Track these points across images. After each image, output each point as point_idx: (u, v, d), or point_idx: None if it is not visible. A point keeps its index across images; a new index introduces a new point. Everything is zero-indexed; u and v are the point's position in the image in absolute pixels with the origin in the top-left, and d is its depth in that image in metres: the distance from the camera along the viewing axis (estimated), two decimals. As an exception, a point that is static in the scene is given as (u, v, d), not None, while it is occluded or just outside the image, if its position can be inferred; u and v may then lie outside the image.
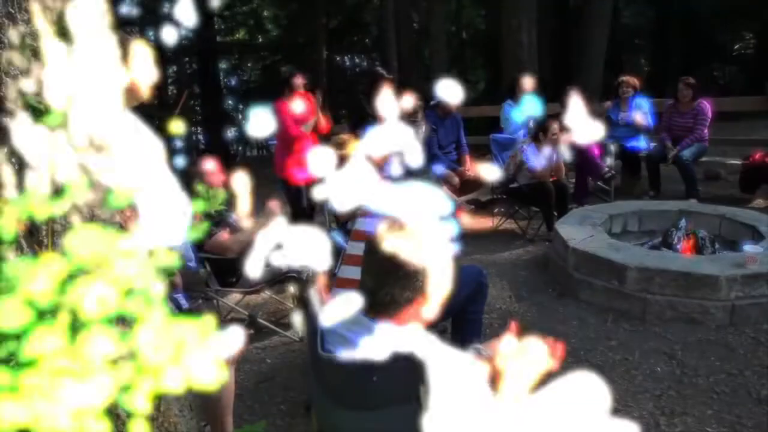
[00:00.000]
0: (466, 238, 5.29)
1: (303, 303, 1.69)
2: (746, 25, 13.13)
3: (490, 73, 14.66)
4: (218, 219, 3.34)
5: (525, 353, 1.51)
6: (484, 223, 5.74)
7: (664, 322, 3.36)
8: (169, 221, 0.53)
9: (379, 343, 1.35)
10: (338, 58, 21.53)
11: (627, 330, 3.35)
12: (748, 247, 3.42)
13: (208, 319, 0.44)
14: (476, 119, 10.93)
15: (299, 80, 4.65)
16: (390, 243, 1.38)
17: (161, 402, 1.52)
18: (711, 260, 3.58)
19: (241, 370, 3.25)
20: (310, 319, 1.52)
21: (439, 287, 1.46)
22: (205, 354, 0.48)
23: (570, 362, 3.05)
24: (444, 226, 2.50)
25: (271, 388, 3.07)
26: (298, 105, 4.72)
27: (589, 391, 1.68)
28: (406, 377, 1.24)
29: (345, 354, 1.38)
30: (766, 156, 5.61)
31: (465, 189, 5.78)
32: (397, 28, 12.12)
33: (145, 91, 2.06)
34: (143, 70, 0.51)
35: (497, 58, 10.08)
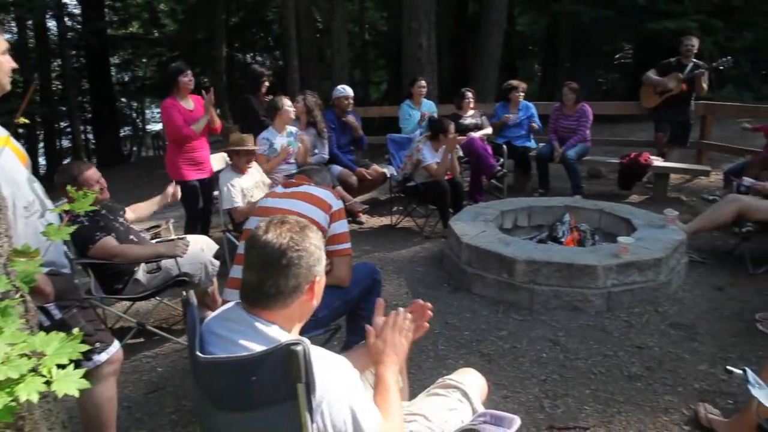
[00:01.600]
0: (365, 236, 5.36)
1: (183, 305, 1.63)
2: (625, 36, 14.16)
3: (392, 74, 14.87)
4: (103, 223, 3.15)
5: (395, 326, 1.58)
6: (383, 221, 5.81)
7: (550, 311, 3.56)
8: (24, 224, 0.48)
9: (259, 341, 1.33)
10: (240, 56, 21.02)
11: (516, 320, 3.51)
12: (622, 239, 3.69)
13: (77, 330, 0.41)
14: (379, 119, 11.06)
15: (185, 78, 4.45)
16: (271, 235, 1.37)
17: (25, 420, 1.41)
18: (590, 251, 3.83)
19: (129, 381, 3.09)
20: (190, 321, 1.47)
21: (323, 276, 1.46)
22: (66, 366, 0.45)
23: (463, 353, 3.17)
24: (327, 219, 2.51)
25: (161, 398, 2.94)
26: (187, 103, 4.55)
27: (473, 384, 1.74)
28: (285, 375, 1.23)
29: (224, 355, 1.34)
30: (639, 156, 6.09)
31: (363, 188, 5.84)
32: (299, 27, 12.01)
33: (4, 80, 1.91)
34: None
35: (399, 59, 10.24)
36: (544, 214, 4.72)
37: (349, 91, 5.88)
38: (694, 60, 6.35)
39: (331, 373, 1.29)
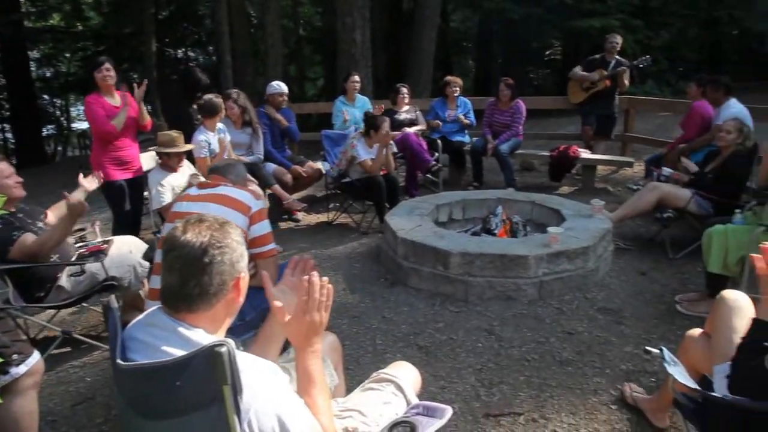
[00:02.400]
0: (302, 233, 5.31)
1: (104, 311, 1.56)
2: (552, 34, 14.63)
3: (328, 70, 14.79)
4: (19, 224, 2.98)
5: (314, 301, 1.46)
6: (319, 218, 5.78)
7: (485, 301, 3.64)
8: None
9: (182, 347, 1.29)
10: (171, 51, 20.33)
11: (452, 311, 3.57)
12: (552, 229, 3.82)
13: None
14: (316, 116, 10.98)
15: (99, 74, 4.21)
16: (190, 234, 1.32)
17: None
18: (522, 242, 3.94)
19: (55, 393, 2.95)
20: (112, 327, 1.41)
21: (247, 272, 1.42)
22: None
23: (401, 347, 3.20)
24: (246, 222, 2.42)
25: (90, 409, 2.82)
26: (112, 99, 4.35)
27: (407, 377, 1.72)
28: (210, 378, 1.20)
29: (146, 361, 1.29)
30: (568, 148, 6.31)
31: (298, 185, 5.78)
32: (231, 22, 11.75)
33: None
34: None
35: (335, 55, 10.20)
36: (478, 206, 4.81)
37: (283, 87, 5.79)
38: (617, 57, 6.63)
39: (258, 379, 1.25)
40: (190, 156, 4.56)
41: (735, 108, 5.07)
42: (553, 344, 3.17)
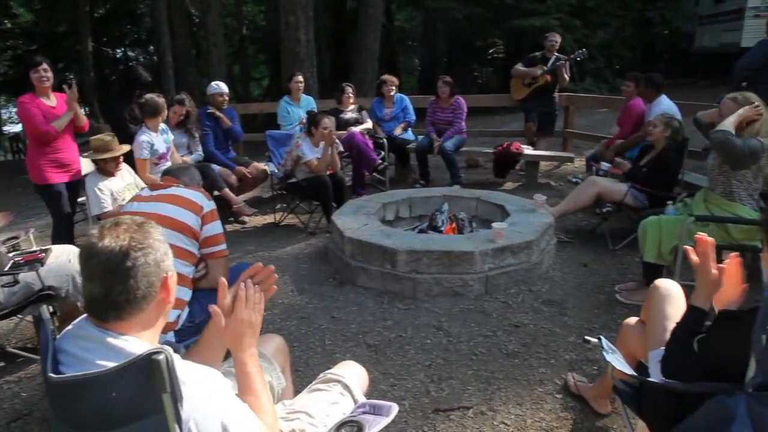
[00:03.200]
0: (248, 235, 5.23)
1: (35, 322, 1.49)
2: (495, 32, 14.93)
3: (273, 70, 14.60)
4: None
5: (248, 301, 1.46)
6: (266, 219, 5.70)
7: (432, 298, 3.67)
8: None
9: (114, 358, 1.24)
10: (109, 51, 19.65)
11: (401, 309, 3.58)
12: (496, 224, 3.88)
13: None
14: (262, 116, 10.83)
15: (35, 74, 4.03)
16: (108, 240, 1.27)
17: None
18: (467, 238, 3.99)
19: (-16, 412, 2.80)
20: (43, 339, 1.34)
21: (174, 270, 1.38)
22: None
23: (350, 346, 3.19)
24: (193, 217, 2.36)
25: (27, 426, 2.68)
26: (48, 100, 4.16)
27: (354, 376, 1.71)
28: (148, 387, 1.15)
29: (78, 373, 1.24)
30: (511, 145, 6.45)
31: (244, 187, 5.69)
32: (172, 21, 11.46)
33: None
34: None
35: (279, 54, 10.10)
36: (424, 204, 4.85)
37: (223, 87, 5.68)
38: (557, 54, 6.82)
39: (198, 385, 1.22)
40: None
41: (665, 104, 5.29)
42: (499, 337, 3.22)
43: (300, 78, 6.39)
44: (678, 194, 4.21)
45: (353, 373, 1.90)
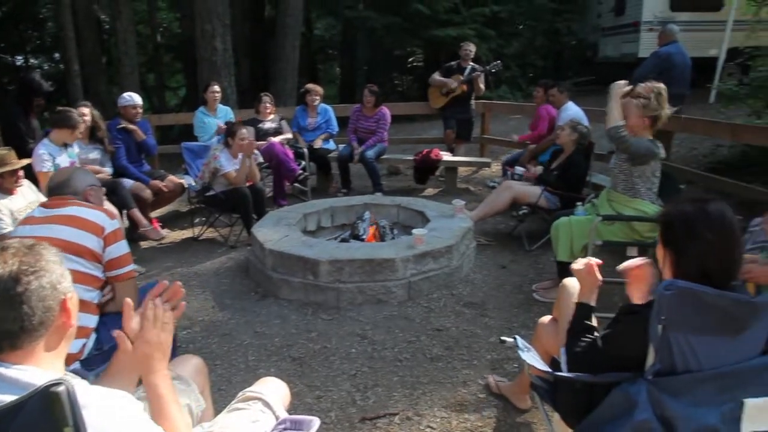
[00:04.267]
0: (166, 252, 5.04)
1: None
2: (413, 42, 15.19)
3: (190, 79, 14.19)
4: None
5: (156, 320, 1.41)
6: (184, 234, 5.52)
7: (356, 307, 3.67)
8: None
9: (10, 391, 1.15)
10: (8, 58, 18.38)
11: (325, 320, 3.56)
12: (416, 231, 3.94)
13: None
14: (179, 127, 10.49)
15: None
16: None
17: None
18: (389, 245, 4.03)
19: None
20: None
21: (74, 292, 1.31)
22: None
23: (274, 360, 3.13)
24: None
25: None
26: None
27: (274, 392, 1.67)
28: (48, 421, 1.08)
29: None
30: (430, 152, 6.58)
31: (160, 201, 5.48)
32: (78, 26, 10.87)
33: None
34: None
35: (196, 63, 9.81)
36: (346, 213, 4.85)
37: (136, 99, 5.44)
38: (472, 63, 7.03)
39: (105, 415, 1.15)
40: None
41: (572, 110, 5.58)
42: (423, 342, 3.26)
43: (216, 88, 6.24)
44: (587, 195, 4.43)
45: (273, 389, 1.86)
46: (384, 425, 2.57)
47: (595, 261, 1.98)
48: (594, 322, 1.91)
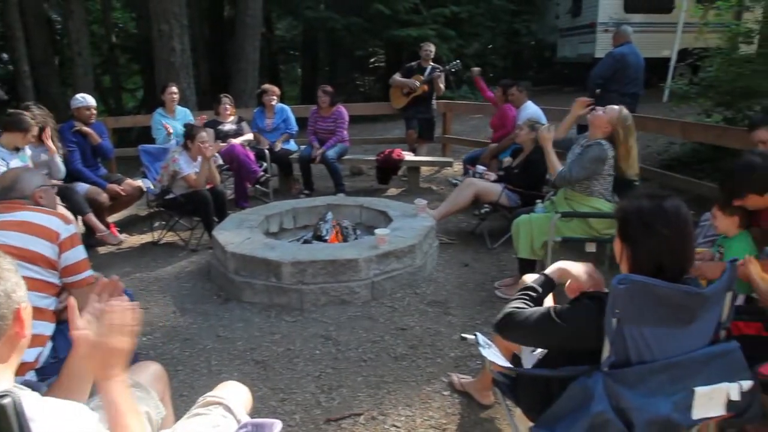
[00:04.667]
0: (125, 257, 4.93)
1: None
2: (374, 42, 15.21)
3: (147, 81, 13.91)
4: None
5: (113, 324, 1.35)
6: (144, 238, 5.40)
7: (320, 308, 3.66)
8: None
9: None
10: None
11: (288, 322, 3.53)
12: (379, 231, 3.95)
13: None
14: (137, 129, 10.26)
15: None
16: None
17: None
18: (352, 246, 4.02)
19: None
20: None
21: (28, 301, 1.26)
22: None
23: (237, 364, 3.10)
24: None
25: None
26: None
27: (234, 396, 1.64)
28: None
29: None
30: (392, 152, 6.60)
31: (117, 205, 5.35)
32: (27, 26, 10.53)
33: None
34: None
35: (154, 64, 9.63)
36: (309, 214, 4.83)
37: (89, 100, 5.30)
38: (433, 64, 7.09)
39: (57, 426, 1.11)
40: None
41: (531, 109, 5.68)
42: (387, 342, 3.27)
43: (174, 89, 6.13)
44: (546, 193, 4.51)
45: (234, 393, 1.84)
46: (349, 426, 2.57)
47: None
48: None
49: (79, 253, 2.33)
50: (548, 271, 1.95)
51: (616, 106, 3.71)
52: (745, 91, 5.24)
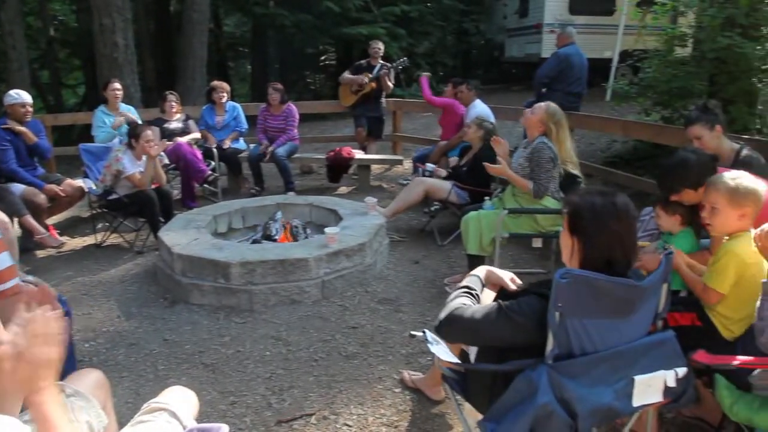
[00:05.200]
0: (66, 260, 4.75)
1: None
2: (324, 40, 15.11)
3: (89, 76, 13.41)
4: None
5: (37, 334, 1.29)
6: (86, 241, 5.21)
7: (270, 308, 3.62)
8: None
9: None
10: None
11: (238, 323, 3.48)
12: (328, 230, 3.93)
13: None
14: (80, 127, 9.89)
15: None
16: None
17: None
18: (301, 245, 4.00)
19: None
20: None
21: None
22: None
23: (185, 368, 3.03)
24: None
25: None
26: None
27: (180, 401, 1.60)
28: None
29: None
30: (343, 150, 6.58)
31: (57, 206, 5.15)
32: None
33: None
34: None
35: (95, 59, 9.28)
36: (258, 213, 4.77)
37: (24, 96, 5.06)
38: (381, 61, 7.10)
39: None
40: None
41: (479, 107, 5.77)
42: (338, 341, 3.26)
43: (117, 85, 5.93)
44: (494, 190, 4.59)
45: (180, 398, 1.80)
46: (300, 427, 2.55)
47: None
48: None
49: (4, 260, 2.20)
50: (477, 272, 2.02)
51: (542, 104, 3.89)
52: (681, 91, 5.47)
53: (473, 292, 1.92)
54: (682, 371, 1.73)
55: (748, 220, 2.15)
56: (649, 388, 1.68)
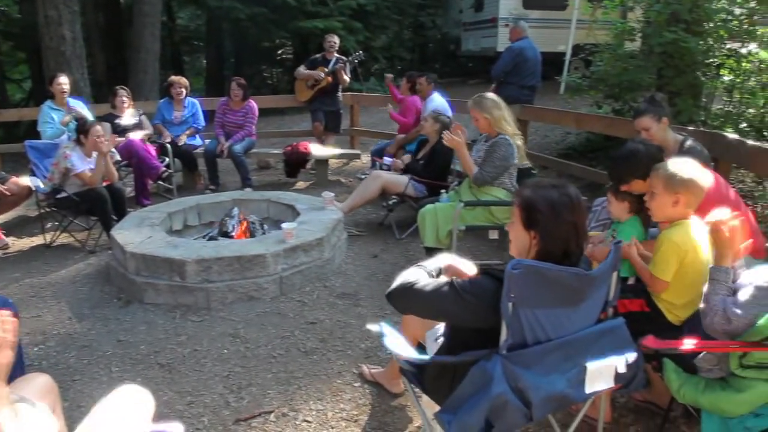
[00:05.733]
0: (13, 261, 4.58)
1: None
2: (280, 33, 14.93)
3: (35, 71, 12.91)
4: None
5: None
6: (34, 241, 5.03)
7: (227, 306, 3.57)
8: None
9: None
10: None
11: (195, 322, 3.42)
12: (285, 225, 3.90)
13: None
14: (27, 123, 9.55)
15: None
16: None
17: None
18: (258, 241, 3.96)
19: None
20: None
21: None
22: None
23: (141, 369, 2.96)
24: None
25: None
26: None
27: (133, 402, 1.57)
28: None
29: None
30: (299, 145, 6.54)
31: (3, 206, 4.95)
32: None
33: None
34: None
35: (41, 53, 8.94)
36: (214, 210, 4.69)
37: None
38: (337, 55, 7.06)
39: None
40: None
41: (437, 101, 5.80)
42: (297, 337, 3.25)
43: (63, 79, 5.72)
44: (451, 183, 4.64)
45: (133, 400, 1.76)
46: (259, 424, 2.53)
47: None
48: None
49: None
50: (440, 259, 2.01)
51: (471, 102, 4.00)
52: (630, 84, 5.62)
53: (428, 270, 1.93)
54: (632, 357, 1.78)
55: (683, 207, 2.22)
56: (601, 375, 1.72)
